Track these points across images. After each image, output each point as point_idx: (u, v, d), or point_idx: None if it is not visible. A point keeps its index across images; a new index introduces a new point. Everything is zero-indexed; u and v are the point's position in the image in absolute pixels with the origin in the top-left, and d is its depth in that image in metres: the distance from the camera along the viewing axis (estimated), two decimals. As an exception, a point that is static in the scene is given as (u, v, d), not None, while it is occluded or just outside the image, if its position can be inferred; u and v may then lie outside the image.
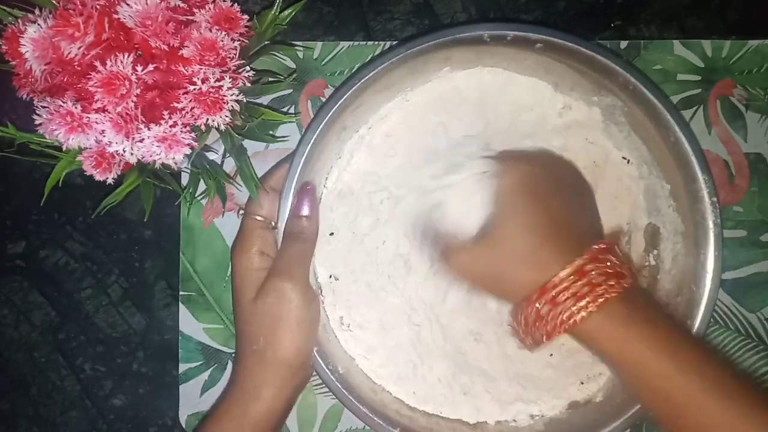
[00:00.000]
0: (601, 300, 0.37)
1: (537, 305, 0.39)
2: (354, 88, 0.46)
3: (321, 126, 0.46)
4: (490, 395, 0.51)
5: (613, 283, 0.38)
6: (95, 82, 0.38)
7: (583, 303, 0.37)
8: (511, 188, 0.41)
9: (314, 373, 0.47)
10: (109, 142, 0.39)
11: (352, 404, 0.47)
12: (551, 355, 0.52)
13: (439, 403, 0.51)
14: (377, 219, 0.51)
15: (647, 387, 0.38)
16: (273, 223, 0.47)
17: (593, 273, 0.38)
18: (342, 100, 0.46)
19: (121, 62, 0.38)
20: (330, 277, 0.51)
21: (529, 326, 0.40)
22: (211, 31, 0.40)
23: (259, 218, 0.47)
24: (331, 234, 0.51)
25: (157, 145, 0.39)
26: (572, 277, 0.38)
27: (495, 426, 0.50)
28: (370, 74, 0.46)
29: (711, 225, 0.47)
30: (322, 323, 0.48)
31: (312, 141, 0.46)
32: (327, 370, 0.47)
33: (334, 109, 0.46)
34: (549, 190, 0.42)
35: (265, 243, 0.46)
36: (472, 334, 0.52)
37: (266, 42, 0.46)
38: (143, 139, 0.39)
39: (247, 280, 0.45)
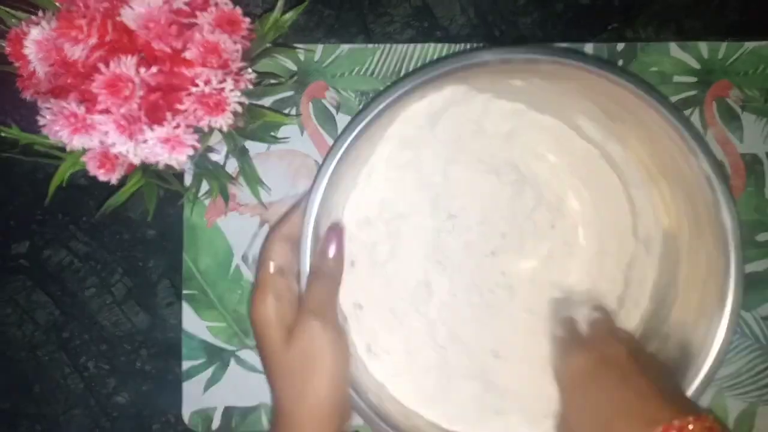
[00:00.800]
0: None
1: None
2: (365, 121, 0.44)
3: (332, 166, 0.44)
4: (519, 413, 0.50)
5: None
6: (99, 84, 0.38)
7: None
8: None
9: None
10: (113, 143, 0.39)
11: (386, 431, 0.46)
12: None
13: (470, 423, 0.50)
14: (396, 245, 0.51)
15: None
16: (285, 270, 0.46)
17: None
18: (352, 136, 0.44)
19: (125, 64, 0.38)
20: (354, 305, 0.51)
21: None
22: (213, 33, 0.40)
23: (272, 267, 0.46)
24: (352, 264, 0.50)
25: (160, 146, 0.39)
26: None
27: None
28: (381, 106, 0.44)
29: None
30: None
31: (324, 183, 0.45)
32: (359, 399, 0.45)
33: (343, 146, 0.44)
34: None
35: (279, 289, 0.45)
36: (491, 351, 0.51)
37: (268, 44, 0.47)
38: (147, 140, 0.39)
39: (271, 328, 0.44)
